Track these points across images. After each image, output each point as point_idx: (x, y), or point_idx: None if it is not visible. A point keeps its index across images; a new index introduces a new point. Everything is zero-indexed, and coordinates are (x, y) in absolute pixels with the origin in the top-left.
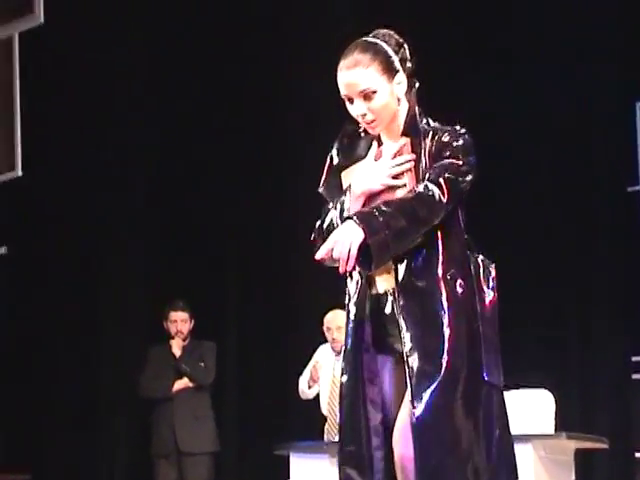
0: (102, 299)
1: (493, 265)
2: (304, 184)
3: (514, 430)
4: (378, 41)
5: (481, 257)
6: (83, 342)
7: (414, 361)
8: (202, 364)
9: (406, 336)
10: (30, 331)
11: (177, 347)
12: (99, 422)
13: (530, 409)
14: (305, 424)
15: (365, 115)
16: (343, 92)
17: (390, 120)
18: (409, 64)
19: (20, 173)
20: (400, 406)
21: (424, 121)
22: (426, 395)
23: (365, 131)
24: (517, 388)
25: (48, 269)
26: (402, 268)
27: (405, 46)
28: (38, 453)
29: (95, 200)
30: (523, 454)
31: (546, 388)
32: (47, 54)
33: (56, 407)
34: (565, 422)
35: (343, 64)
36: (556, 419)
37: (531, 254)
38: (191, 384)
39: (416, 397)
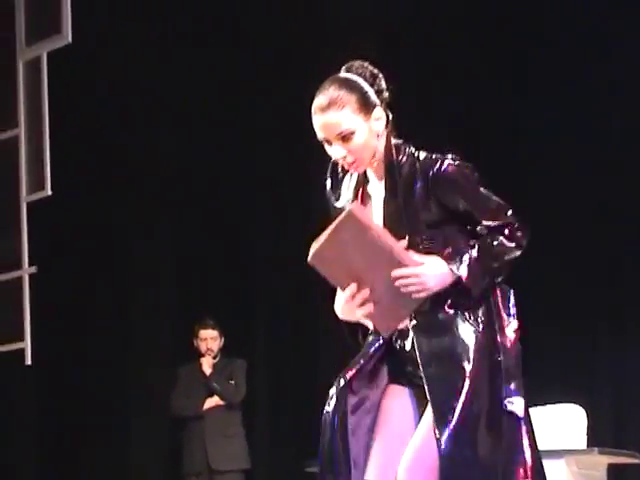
0: (132, 316)
1: (512, 291)
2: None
3: (546, 445)
4: (351, 76)
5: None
6: (113, 359)
7: (436, 397)
8: (232, 382)
9: (426, 372)
10: (60, 347)
11: (207, 365)
12: (130, 440)
13: (561, 424)
14: None
15: (345, 157)
16: (319, 135)
17: (372, 156)
18: (385, 95)
19: (50, 192)
20: (411, 437)
21: (407, 151)
22: (449, 429)
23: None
24: (547, 404)
25: (78, 287)
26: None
27: (380, 76)
28: (67, 469)
29: (125, 218)
30: (555, 470)
31: (577, 403)
32: (75, 73)
33: (87, 423)
34: (597, 437)
35: (316, 106)
36: (588, 434)
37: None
38: (222, 402)
39: (441, 431)
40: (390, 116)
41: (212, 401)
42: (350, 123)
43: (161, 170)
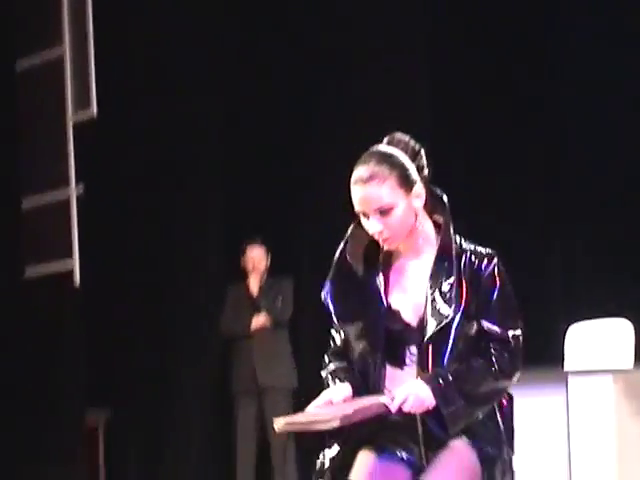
0: (179, 235)
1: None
2: None
3: (593, 363)
4: (394, 151)
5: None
6: (161, 279)
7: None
8: (280, 301)
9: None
10: (105, 269)
11: (254, 284)
12: (179, 360)
13: (608, 340)
14: None
15: (382, 232)
16: (358, 208)
17: (407, 236)
18: (425, 172)
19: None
20: None
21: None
22: None
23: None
24: (595, 318)
25: (125, 206)
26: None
27: (422, 153)
28: (118, 391)
29: (172, 136)
30: (602, 387)
31: (625, 317)
32: (100, 145)
33: (135, 345)
34: None
35: (358, 177)
36: (636, 350)
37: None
38: (269, 321)
39: None
40: (443, 195)
41: (259, 320)
42: (390, 198)
43: (206, 85)
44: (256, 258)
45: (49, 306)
